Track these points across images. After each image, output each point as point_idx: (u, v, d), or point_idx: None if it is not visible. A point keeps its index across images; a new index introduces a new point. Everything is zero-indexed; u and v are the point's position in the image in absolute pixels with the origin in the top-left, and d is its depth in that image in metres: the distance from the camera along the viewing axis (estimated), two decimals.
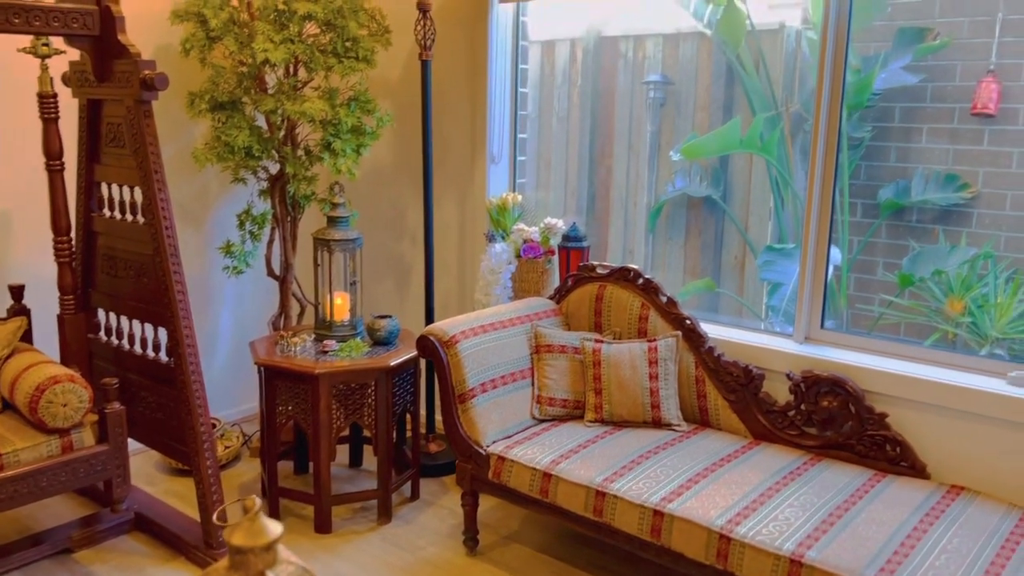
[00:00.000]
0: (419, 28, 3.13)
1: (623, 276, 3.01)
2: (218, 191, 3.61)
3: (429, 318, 3.38)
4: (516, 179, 3.57)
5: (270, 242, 3.42)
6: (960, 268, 3.60)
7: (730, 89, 4.23)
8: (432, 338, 2.72)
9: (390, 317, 3.07)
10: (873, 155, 3.94)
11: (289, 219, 3.39)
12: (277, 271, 3.45)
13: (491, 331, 2.83)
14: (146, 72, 2.51)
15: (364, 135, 3.28)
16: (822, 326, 2.82)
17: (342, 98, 3.29)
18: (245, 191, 3.53)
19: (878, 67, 3.64)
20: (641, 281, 2.96)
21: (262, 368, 2.90)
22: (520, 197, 3.42)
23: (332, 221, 3.02)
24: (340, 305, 3.08)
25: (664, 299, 2.92)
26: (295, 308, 3.52)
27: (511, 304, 3.07)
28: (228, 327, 3.78)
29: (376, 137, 3.34)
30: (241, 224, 3.35)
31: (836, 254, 3.58)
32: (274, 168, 3.34)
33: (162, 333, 2.71)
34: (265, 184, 3.36)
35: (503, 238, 3.34)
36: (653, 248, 4.64)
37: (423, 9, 3.10)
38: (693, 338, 2.84)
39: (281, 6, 2.91)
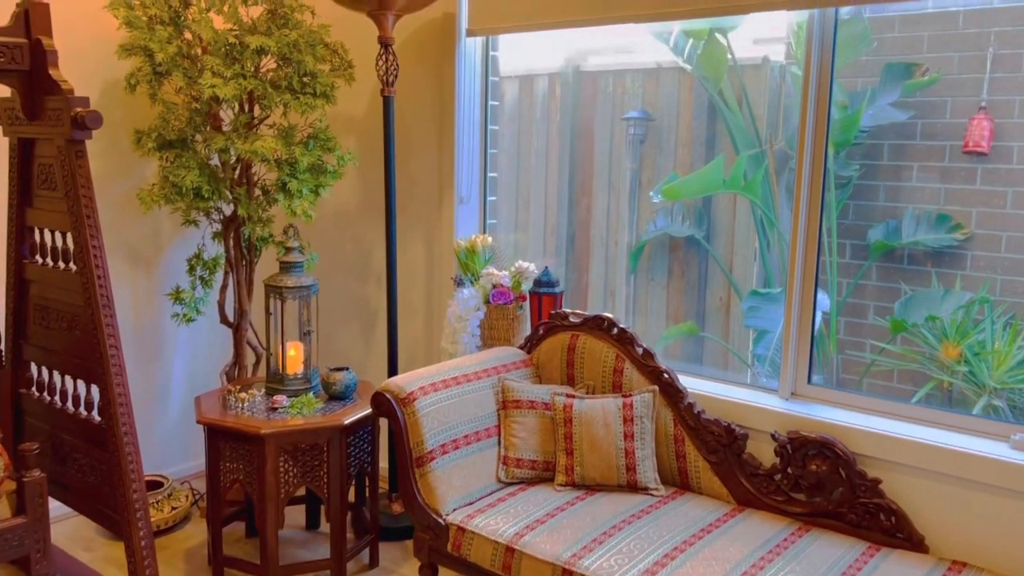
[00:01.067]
0: (380, 63, 2.96)
1: (597, 325, 2.81)
2: (171, 233, 3.41)
3: (392, 369, 3.16)
4: (486, 220, 3.38)
5: (223, 287, 3.21)
6: (955, 313, 3.43)
7: (712, 125, 4.08)
8: (388, 395, 2.51)
9: (346, 369, 2.86)
10: (862, 194, 3.79)
11: (244, 263, 3.19)
12: (231, 318, 3.24)
13: (454, 385, 2.62)
14: (78, 109, 2.32)
15: (324, 174, 3.10)
16: (809, 381, 2.62)
17: (301, 135, 3.12)
18: (199, 233, 3.33)
19: (865, 103, 3.49)
20: (616, 331, 2.77)
21: (206, 427, 2.68)
22: (490, 239, 3.24)
23: (285, 266, 2.82)
24: (293, 357, 2.87)
25: (640, 350, 2.72)
26: (250, 357, 3.31)
27: (477, 355, 2.86)
28: (182, 376, 3.56)
29: (338, 176, 3.16)
30: (191, 269, 3.15)
31: (824, 300, 3.40)
32: (228, 209, 3.15)
33: (96, 391, 2.49)
34: (219, 226, 3.17)
35: (472, 283, 3.15)
36: (635, 289, 4.46)
37: (385, 44, 2.93)
38: (671, 393, 2.63)
39: (232, 39, 2.74)
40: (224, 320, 3.23)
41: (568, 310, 2.90)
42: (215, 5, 2.82)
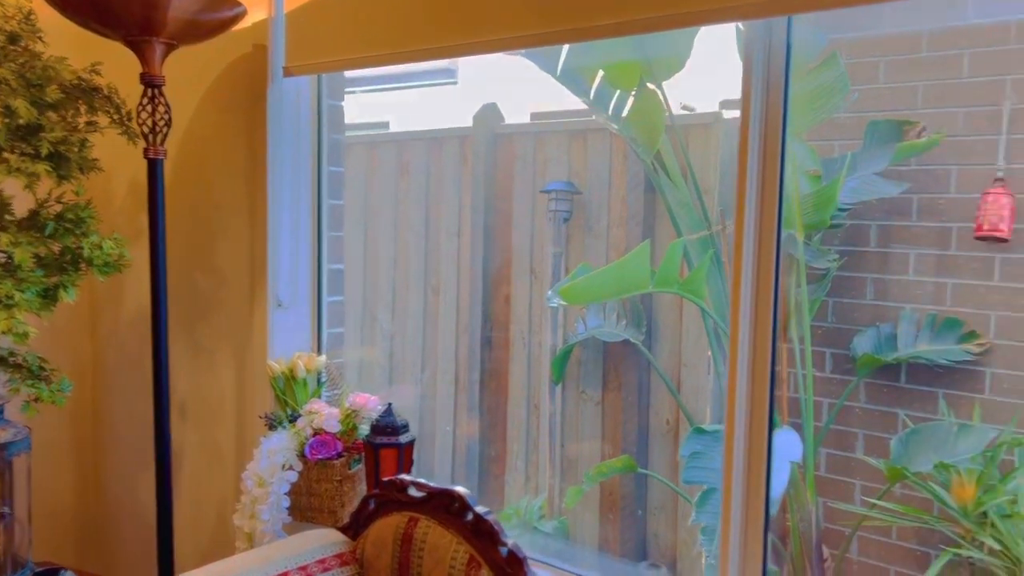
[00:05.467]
0: (144, 113, 2.04)
1: (444, 505, 1.83)
2: None
3: (164, 564, 2.12)
4: (321, 330, 2.42)
5: None
6: (974, 459, 2.54)
7: (652, 199, 3.21)
8: None
9: (58, 573, 1.86)
10: (843, 290, 2.91)
11: None
12: None
13: None
14: None
15: (79, 269, 2.16)
16: None
17: (49, 213, 2.19)
18: None
19: (844, 173, 2.62)
20: (470, 517, 1.79)
21: None
22: (322, 359, 2.28)
23: None
24: None
25: (504, 551, 1.74)
26: None
27: (270, 548, 1.87)
28: None
29: (115, 269, 2.22)
30: None
31: (794, 443, 2.46)
32: None
33: None
34: None
35: (291, 424, 2.18)
36: (563, 404, 3.52)
37: (151, 83, 2.02)
38: None
39: None
40: None
41: (409, 477, 1.92)
42: None
